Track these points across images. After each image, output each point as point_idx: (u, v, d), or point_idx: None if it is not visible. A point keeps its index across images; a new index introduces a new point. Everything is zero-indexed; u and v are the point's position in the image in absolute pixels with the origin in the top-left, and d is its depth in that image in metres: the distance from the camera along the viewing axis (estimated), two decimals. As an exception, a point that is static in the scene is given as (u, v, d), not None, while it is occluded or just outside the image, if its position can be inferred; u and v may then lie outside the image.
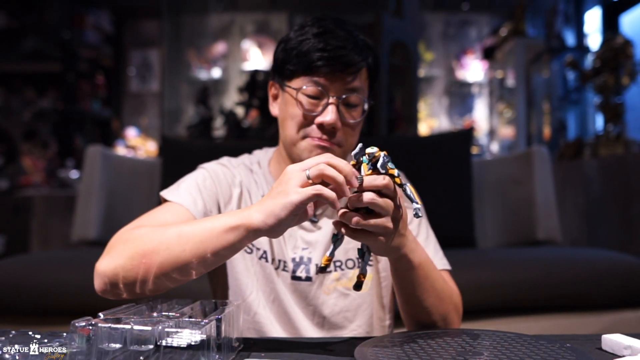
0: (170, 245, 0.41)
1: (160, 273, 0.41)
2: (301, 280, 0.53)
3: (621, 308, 0.92)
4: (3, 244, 1.79)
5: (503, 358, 0.35)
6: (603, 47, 1.60)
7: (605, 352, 0.38)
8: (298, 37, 0.51)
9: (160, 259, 0.41)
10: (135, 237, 0.43)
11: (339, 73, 0.49)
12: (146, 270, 0.41)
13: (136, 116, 2.85)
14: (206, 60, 2.56)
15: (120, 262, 0.42)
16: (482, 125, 2.76)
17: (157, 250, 0.41)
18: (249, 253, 0.54)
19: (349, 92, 0.50)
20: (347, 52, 0.49)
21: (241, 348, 0.40)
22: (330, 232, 0.54)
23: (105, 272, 0.42)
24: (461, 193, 1.15)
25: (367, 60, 0.52)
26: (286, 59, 0.51)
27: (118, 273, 0.42)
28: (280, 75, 0.53)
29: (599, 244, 1.43)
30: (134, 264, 0.41)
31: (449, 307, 0.48)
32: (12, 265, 0.93)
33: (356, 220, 0.36)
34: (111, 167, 1.22)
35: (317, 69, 0.49)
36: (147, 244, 0.42)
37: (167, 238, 0.41)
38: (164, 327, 0.32)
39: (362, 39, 0.52)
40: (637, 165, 1.31)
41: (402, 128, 1.77)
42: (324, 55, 0.49)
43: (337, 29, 0.50)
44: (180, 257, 0.40)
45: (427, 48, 2.75)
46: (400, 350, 0.37)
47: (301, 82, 0.51)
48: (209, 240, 0.39)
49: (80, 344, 0.32)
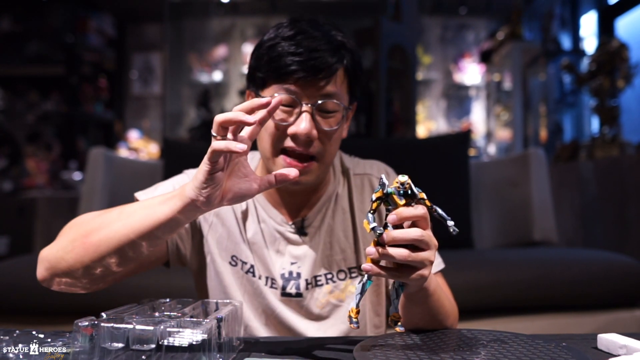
0: (110, 222, 0.40)
1: (100, 252, 0.39)
2: (292, 296, 0.50)
3: (616, 308, 0.92)
4: (7, 245, 1.79)
5: (500, 357, 0.34)
6: (599, 51, 1.60)
7: (601, 351, 0.38)
8: (269, 41, 0.47)
9: (99, 236, 0.39)
10: (80, 221, 0.42)
11: (311, 78, 0.44)
12: (85, 250, 0.39)
13: (138, 119, 2.87)
14: (207, 64, 2.59)
15: (62, 244, 0.41)
16: (480, 128, 2.77)
17: (97, 229, 0.40)
18: (234, 266, 0.51)
19: (324, 97, 0.46)
20: (319, 54, 0.44)
21: (242, 347, 0.40)
22: (320, 245, 0.51)
23: (47, 257, 0.41)
24: (459, 194, 1.15)
25: (343, 62, 0.46)
26: (257, 66, 0.47)
27: (59, 256, 0.40)
28: (254, 84, 0.49)
29: (594, 244, 1.44)
30: (76, 244, 0.40)
31: (450, 320, 0.47)
32: (16, 265, 0.94)
33: (405, 255, 0.33)
34: (113, 169, 1.23)
35: (287, 75, 0.45)
36: (89, 224, 0.41)
37: (108, 217, 0.40)
38: (165, 326, 0.32)
39: (339, 39, 0.47)
40: (632, 167, 1.32)
41: (401, 130, 1.79)
42: (294, 59, 0.44)
43: (311, 29, 0.46)
44: (119, 232, 0.39)
45: (425, 52, 2.76)
46: (399, 350, 0.36)
47: (273, 90, 0.46)
48: (147, 214, 0.38)
49: (83, 343, 0.33)
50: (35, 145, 2.19)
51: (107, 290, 0.92)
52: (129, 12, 2.75)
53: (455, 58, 2.81)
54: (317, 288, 0.52)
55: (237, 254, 0.52)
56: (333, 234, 0.53)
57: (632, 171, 1.32)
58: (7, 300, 0.89)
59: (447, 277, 0.51)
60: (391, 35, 1.71)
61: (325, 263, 0.52)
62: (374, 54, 1.68)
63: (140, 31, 2.88)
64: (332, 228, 0.53)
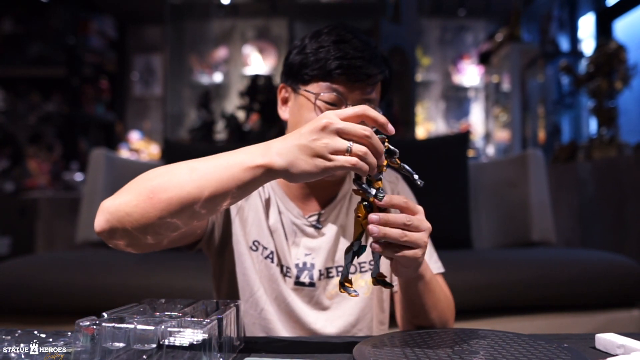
0: (181, 180, 0.37)
1: (169, 210, 0.37)
2: (305, 285, 0.53)
3: (614, 308, 0.93)
4: (9, 246, 1.80)
5: (499, 357, 0.35)
6: (597, 52, 1.61)
7: (599, 351, 0.38)
8: (315, 43, 0.51)
9: (169, 195, 0.37)
10: (145, 175, 0.40)
11: (358, 83, 0.49)
12: (152, 206, 0.37)
13: (139, 120, 2.88)
14: (208, 65, 2.59)
15: (127, 199, 0.38)
16: (478, 129, 2.77)
17: (166, 186, 0.37)
18: (254, 251, 0.53)
19: (366, 102, 0.50)
20: (366, 62, 0.49)
21: (242, 347, 0.40)
22: (333, 238, 0.53)
23: (109, 208, 0.38)
24: (458, 195, 1.15)
25: (385, 73, 0.52)
26: (304, 64, 0.51)
27: (122, 209, 0.38)
28: (295, 79, 0.52)
29: (592, 245, 1.44)
30: (141, 199, 0.37)
31: (447, 315, 0.49)
32: (18, 266, 0.94)
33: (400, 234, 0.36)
34: (115, 170, 1.23)
35: (336, 77, 0.49)
36: (156, 179, 0.38)
37: (179, 173, 0.38)
38: (166, 326, 0.32)
39: (380, 52, 0.52)
40: (629, 167, 1.32)
41: (400, 131, 1.80)
42: (344, 63, 0.49)
43: (354, 38, 0.50)
44: (192, 193, 0.37)
45: (424, 53, 2.77)
46: (398, 349, 0.37)
47: (319, 87, 0.50)
48: (223, 178, 0.37)
49: (84, 342, 0.33)
50: (37, 146, 2.19)
51: (108, 290, 0.92)
52: (130, 14, 2.77)
53: (454, 59, 2.82)
54: (328, 279, 0.54)
55: (260, 239, 0.54)
56: (345, 231, 0.55)
57: (630, 172, 1.32)
58: (9, 300, 0.90)
59: (447, 277, 0.52)
60: (391, 36, 1.72)
61: (336, 256, 0.54)
62: (374, 56, 1.71)
63: (141, 33, 2.89)
64: (345, 225, 0.55)
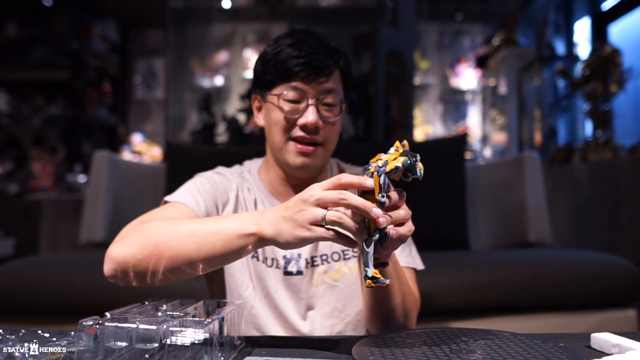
0: (182, 241, 0.42)
1: (169, 266, 0.42)
2: (293, 274, 0.55)
3: (609, 307, 0.92)
4: (13, 246, 1.80)
5: (496, 356, 0.35)
6: (592, 56, 1.62)
7: (594, 350, 0.39)
8: (274, 49, 0.55)
9: (171, 253, 0.42)
10: (148, 229, 0.44)
11: (314, 76, 0.53)
12: (157, 262, 0.42)
13: (141, 123, 2.90)
14: (209, 69, 2.62)
15: (132, 251, 0.43)
16: (476, 131, 2.79)
17: (169, 245, 0.42)
18: None
19: (326, 93, 0.54)
20: (319, 56, 0.53)
21: (243, 346, 0.41)
22: None
23: (116, 259, 0.43)
24: (455, 197, 1.15)
25: (339, 64, 0.55)
26: (265, 70, 0.55)
27: (129, 261, 0.42)
28: (261, 87, 0.57)
29: (587, 245, 1.45)
30: (145, 254, 0.42)
31: (411, 305, 0.50)
32: (22, 266, 0.94)
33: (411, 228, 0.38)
34: (117, 172, 1.24)
35: (294, 75, 0.53)
36: (159, 236, 0.43)
37: (180, 234, 0.42)
38: (168, 326, 0.32)
39: (332, 45, 0.56)
40: (624, 169, 1.33)
41: (398, 134, 1.82)
42: (299, 61, 0.52)
43: (308, 37, 0.54)
44: (191, 254, 0.41)
45: (422, 57, 2.80)
46: (397, 349, 0.37)
47: (281, 89, 0.54)
48: (220, 243, 0.40)
49: (87, 342, 0.33)
50: (41, 149, 2.21)
51: (111, 290, 0.93)
52: (133, 18, 2.80)
53: (452, 63, 2.85)
54: (313, 267, 0.57)
55: None
56: None
57: (625, 174, 1.32)
58: (13, 300, 0.89)
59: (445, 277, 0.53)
60: (389, 40, 1.73)
61: (321, 246, 0.57)
62: (372, 59, 1.70)
63: (144, 37, 2.92)
64: None
